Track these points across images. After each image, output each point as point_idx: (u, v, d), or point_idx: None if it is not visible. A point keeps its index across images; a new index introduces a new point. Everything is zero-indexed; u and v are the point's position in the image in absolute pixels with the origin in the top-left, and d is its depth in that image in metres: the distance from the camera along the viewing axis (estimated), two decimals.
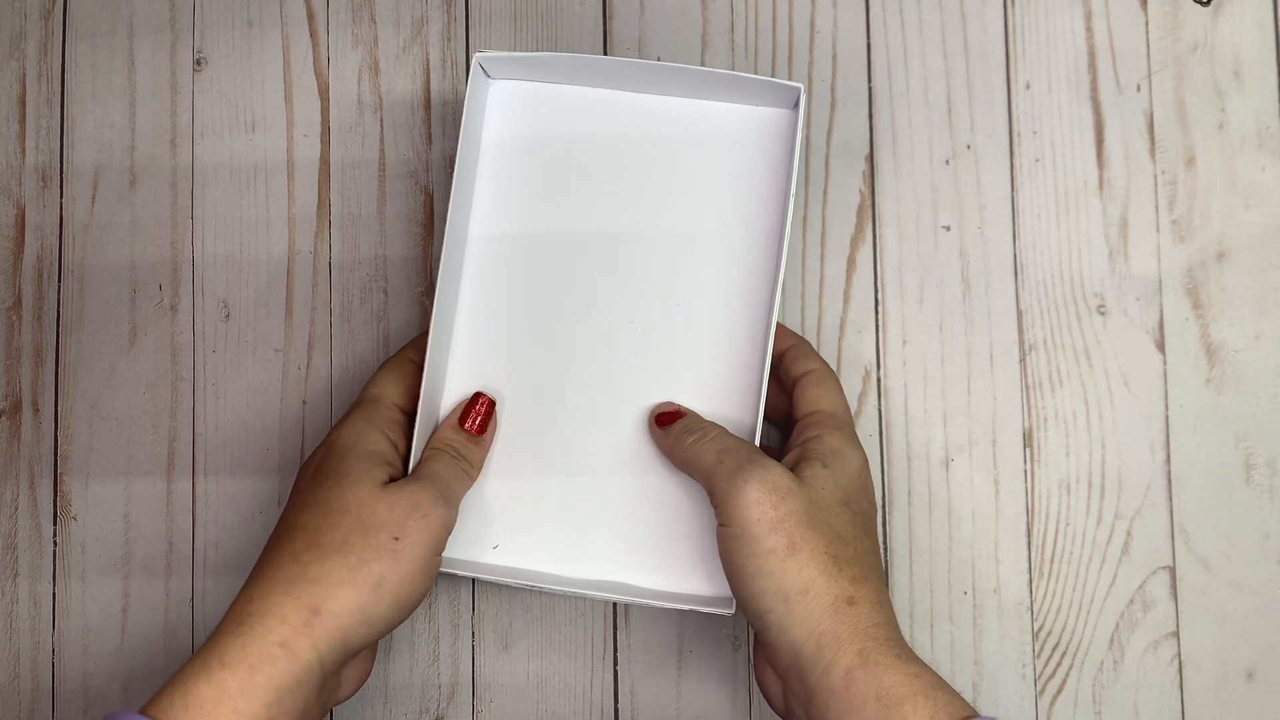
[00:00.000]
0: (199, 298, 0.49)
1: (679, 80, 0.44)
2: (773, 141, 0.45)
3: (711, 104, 0.45)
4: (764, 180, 0.45)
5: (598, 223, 0.45)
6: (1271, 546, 0.46)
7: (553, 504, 0.45)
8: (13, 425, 0.49)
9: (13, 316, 0.50)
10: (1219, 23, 0.47)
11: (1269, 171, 0.47)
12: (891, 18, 0.48)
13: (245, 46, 0.50)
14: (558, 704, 0.47)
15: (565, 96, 0.46)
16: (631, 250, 0.45)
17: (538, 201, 0.45)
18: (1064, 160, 0.47)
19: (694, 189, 0.45)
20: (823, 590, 0.37)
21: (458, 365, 0.45)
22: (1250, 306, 0.46)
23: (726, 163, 0.45)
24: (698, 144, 0.45)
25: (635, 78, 0.45)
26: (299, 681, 0.36)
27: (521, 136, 0.46)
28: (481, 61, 0.44)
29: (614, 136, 0.45)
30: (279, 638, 0.36)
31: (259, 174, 0.50)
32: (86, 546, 0.49)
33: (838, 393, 0.43)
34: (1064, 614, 0.46)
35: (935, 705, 0.34)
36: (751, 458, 0.39)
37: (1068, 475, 0.46)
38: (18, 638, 0.49)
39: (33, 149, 0.50)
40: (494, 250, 0.45)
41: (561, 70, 0.45)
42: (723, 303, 0.44)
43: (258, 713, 0.35)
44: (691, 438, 0.41)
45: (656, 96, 0.45)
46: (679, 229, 0.45)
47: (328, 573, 0.37)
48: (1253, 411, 0.46)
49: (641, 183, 0.45)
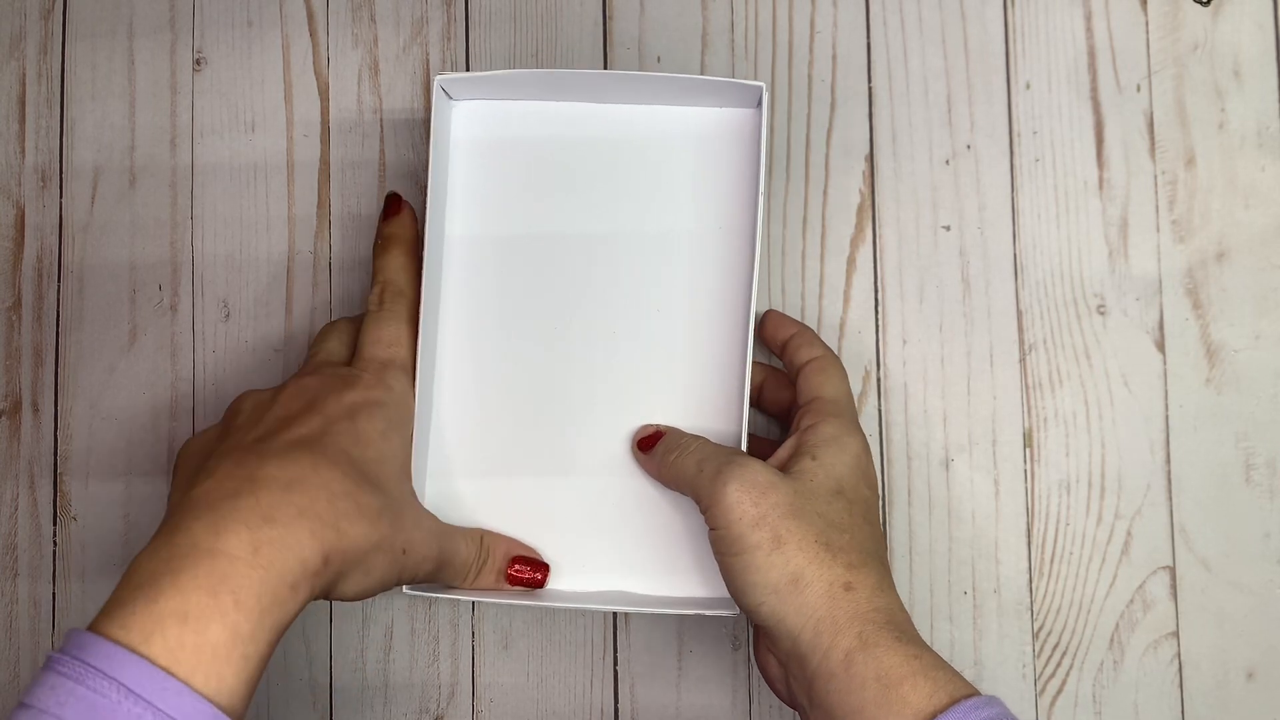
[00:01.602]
0: (199, 298, 0.49)
1: (641, 87, 0.44)
2: (741, 141, 0.45)
3: (676, 109, 0.45)
4: (735, 181, 0.45)
5: (571, 234, 0.45)
6: (1271, 546, 0.46)
7: (544, 516, 0.44)
8: (13, 425, 0.49)
9: (13, 316, 0.50)
10: (1219, 23, 0.47)
11: (1269, 171, 0.47)
12: (891, 18, 0.48)
13: (245, 46, 0.50)
14: (558, 704, 0.47)
15: (529, 112, 0.46)
16: (607, 258, 0.45)
17: (510, 216, 0.45)
18: (1064, 160, 0.47)
19: (665, 194, 0.45)
20: (815, 578, 0.37)
21: (444, 382, 0.45)
22: (1250, 306, 0.46)
23: (696, 166, 0.45)
24: (666, 149, 0.45)
25: (597, 88, 0.45)
26: (296, 617, 0.35)
27: (488, 155, 0.46)
28: (442, 84, 0.44)
29: (581, 148, 0.45)
30: (293, 579, 0.34)
31: (259, 174, 0.50)
32: (86, 546, 0.49)
33: (840, 379, 0.43)
34: (1064, 614, 0.46)
35: (935, 684, 0.34)
36: (730, 459, 0.39)
37: (1068, 475, 0.46)
38: (18, 638, 0.49)
39: (33, 149, 0.50)
40: (472, 266, 0.45)
41: (523, 86, 0.44)
42: (701, 305, 0.44)
43: (263, 654, 0.33)
44: (673, 455, 0.41)
45: (620, 106, 0.45)
46: (653, 234, 0.45)
47: (362, 532, 0.36)
48: (1253, 411, 0.46)
49: (611, 191, 0.45)
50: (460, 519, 0.44)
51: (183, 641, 0.31)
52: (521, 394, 0.45)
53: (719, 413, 0.44)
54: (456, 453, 0.45)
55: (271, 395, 0.40)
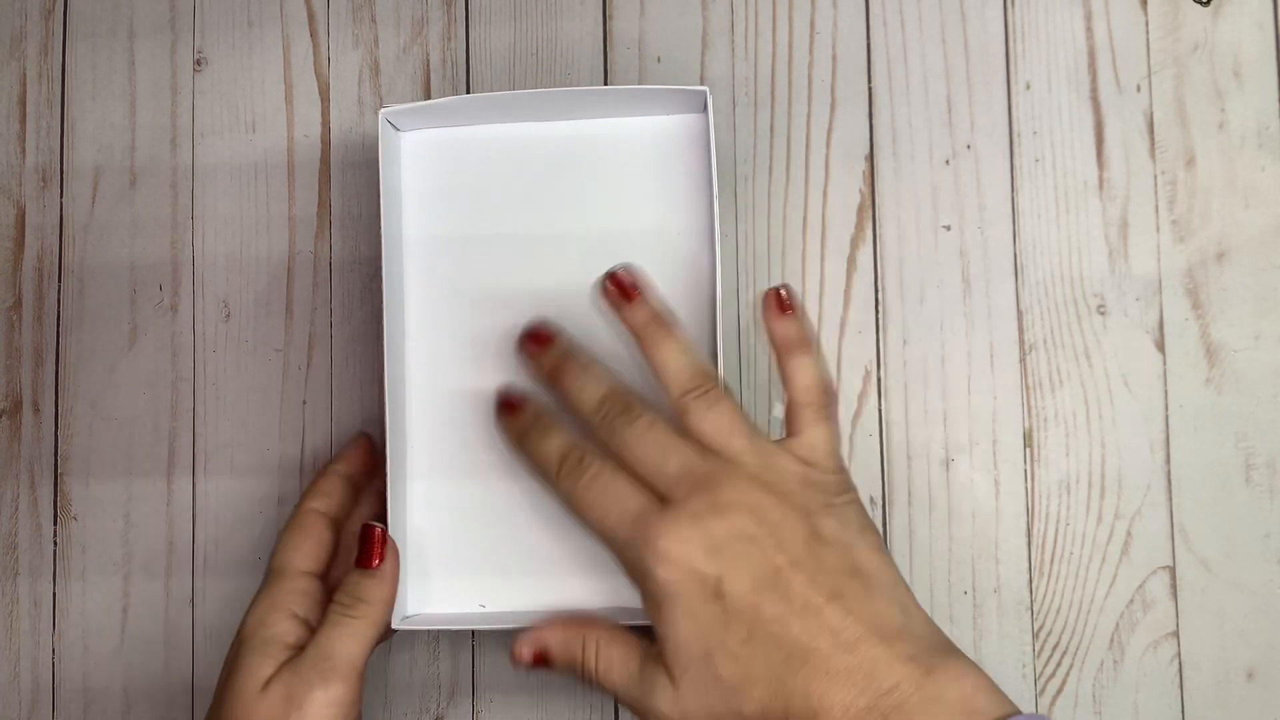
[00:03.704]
0: (199, 298, 0.49)
1: (589, 102, 0.44)
2: (692, 146, 0.45)
3: (624, 120, 0.45)
4: (691, 185, 0.45)
5: (531, 247, 0.45)
6: (1271, 546, 0.46)
7: (518, 519, 0.44)
8: (13, 425, 0.49)
9: (13, 316, 0.50)
10: (1219, 23, 0.47)
11: (1269, 171, 0.47)
12: (891, 18, 0.48)
13: (245, 46, 0.50)
14: (558, 704, 0.47)
15: (478, 138, 0.46)
16: (566, 270, 0.45)
17: (464, 241, 0.45)
18: (1064, 160, 0.47)
19: (621, 206, 0.45)
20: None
21: (415, 381, 0.45)
22: (1250, 306, 0.46)
23: (651, 176, 0.45)
24: (620, 159, 0.45)
25: (542, 107, 0.45)
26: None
27: (439, 184, 0.46)
28: (388, 117, 0.44)
29: (535, 165, 0.45)
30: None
31: (259, 174, 0.50)
32: (86, 546, 0.49)
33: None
34: (1064, 614, 0.46)
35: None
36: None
37: (1068, 475, 0.46)
38: (18, 638, 0.49)
39: (33, 149, 0.50)
40: (431, 290, 0.45)
41: (469, 113, 0.45)
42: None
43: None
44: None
45: (568, 123, 0.45)
46: (613, 242, 0.45)
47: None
48: (1253, 411, 0.46)
49: (567, 204, 0.45)
50: (440, 528, 0.44)
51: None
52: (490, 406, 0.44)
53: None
54: (433, 462, 0.44)
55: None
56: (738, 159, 0.48)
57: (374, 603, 0.40)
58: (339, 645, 0.39)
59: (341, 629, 0.39)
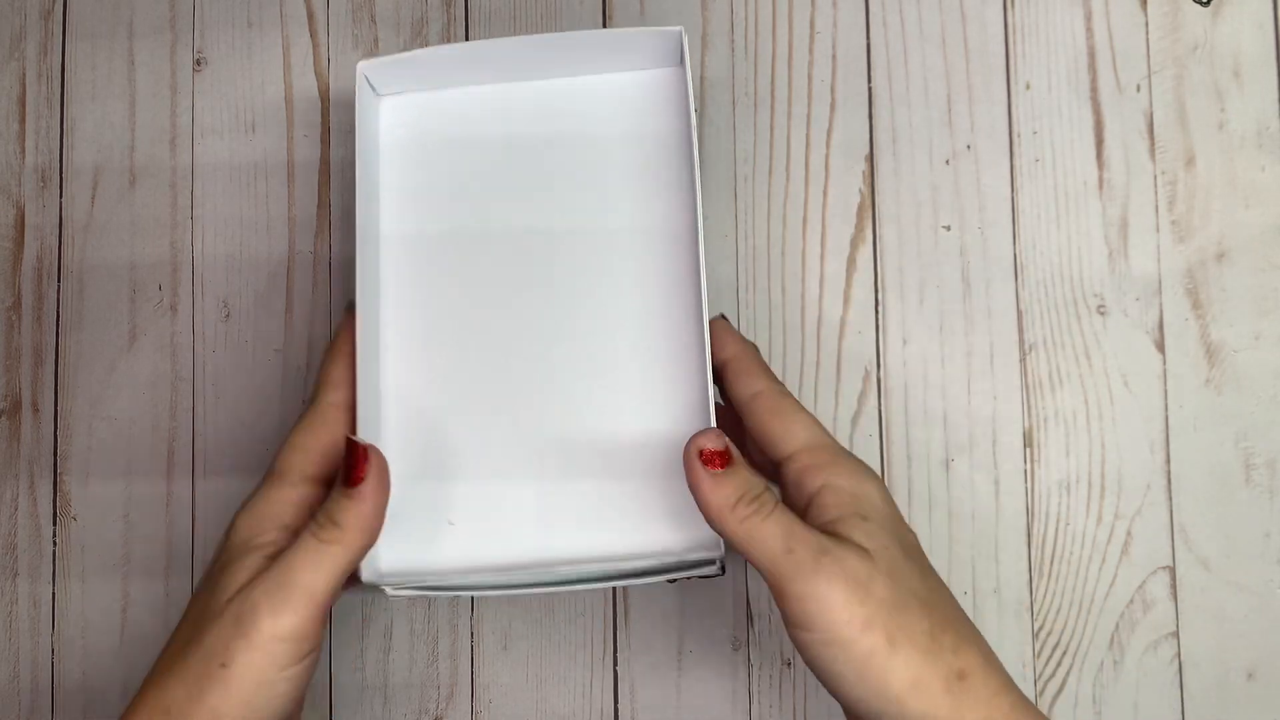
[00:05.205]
0: (199, 298, 0.49)
1: (557, 51, 0.43)
2: (670, 106, 0.44)
3: (602, 77, 0.44)
4: (670, 152, 0.43)
5: (507, 224, 0.44)
6: (1271, 546, 0.46)
7: (498, 509, 0.42)
8: (13, 425, 0.49)
9: (13, 316, 0.50)
10: (1219, 23, 0.47)
11: (1269, 171, 0.47)
12: (891, 18, 0.48)
13: (245, 47, 0.50)
14: (558, 704, 0.47)
15: (454, 101, 0.45)
16: (546, 247, 0.43)
17: (442, 209, 0.44)
18: (1064, 160, 0.47)
19: (600, 174, 0.44)
20: (932, 677, 0.34)
21: (390, 377, 0.43)
22: (1250, 306, 0.46)
23: (629, 139, 0.44)
24: (596, 122, 0.44)
25: (518, 57, 0.43)
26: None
27: (416, 148, 0.45)
28: (366, 73, 0.43)
29: (511, 134, 0.44)
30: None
31: (259, 174, 0.50)
32: (86, 546, 0.49)
33: (803, 414, 0.38)
34: (1064, 614, 0.46)
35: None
36: (825, 548, 0.34)
37: (1068, 475, 0.46)
38: (18, 638, 0.49)
39: (32, 149, 0.50)
40: (408, 259, 0.44)
41: (445, 69, 0.44)
42: (652, 285, 0.43)
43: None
44: (749, 510, 0.35)
45: (547, 82, 0.44)
46: (590, 221, 0.43)
47: (177, 704, 0.34)
48: (1253, 411, 0.46)
49: (545, 174, 0.44)
50: (415, 520, 0.42)
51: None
52: (471, 390, 0.43)
53: (680, 406, 0.42)
54: (408, 454, 0.43)
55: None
56: (738, 159, 0.48)
57: (347, 528, 0.36)
58: (300, 572, 0.35)
59: (307, 554, 0.35)
